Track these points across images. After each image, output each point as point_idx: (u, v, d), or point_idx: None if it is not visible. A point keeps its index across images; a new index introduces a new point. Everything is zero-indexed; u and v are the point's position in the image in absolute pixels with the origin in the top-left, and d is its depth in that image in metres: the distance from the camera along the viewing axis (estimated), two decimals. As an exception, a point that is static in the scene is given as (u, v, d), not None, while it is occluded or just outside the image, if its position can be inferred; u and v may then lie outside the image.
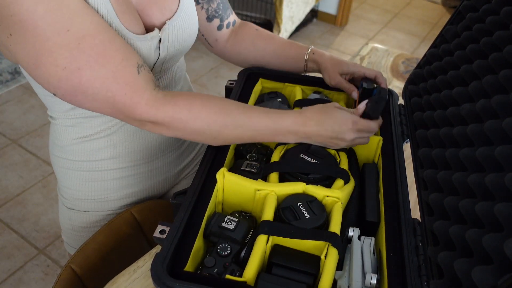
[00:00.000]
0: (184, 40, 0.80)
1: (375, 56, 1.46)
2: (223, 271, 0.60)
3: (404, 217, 0.66)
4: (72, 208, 0.90)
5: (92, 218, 0.90)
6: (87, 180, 0.86)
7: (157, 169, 0.92)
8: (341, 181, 0.72)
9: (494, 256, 0.47)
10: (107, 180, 0.87)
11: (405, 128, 0.87)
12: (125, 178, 0.88)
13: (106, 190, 0.88)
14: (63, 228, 0.97)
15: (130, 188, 0.90)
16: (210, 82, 2.73)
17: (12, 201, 2.00)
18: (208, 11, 0.89)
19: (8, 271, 1.74)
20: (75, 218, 0.91)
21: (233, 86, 0.91)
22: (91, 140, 0.81)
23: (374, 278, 0.59)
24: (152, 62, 0.75)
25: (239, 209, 0.72)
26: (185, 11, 0.78)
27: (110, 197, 0.89)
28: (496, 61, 0.66)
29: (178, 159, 0.96)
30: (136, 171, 0.89)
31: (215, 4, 0.89)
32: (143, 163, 0.89)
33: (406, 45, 3.37)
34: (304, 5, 3.12)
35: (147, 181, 0.92)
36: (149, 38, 0.71)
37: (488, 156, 0.58)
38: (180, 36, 0.78)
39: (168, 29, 0.75)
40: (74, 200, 0.89)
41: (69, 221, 0.92)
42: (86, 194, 0.88)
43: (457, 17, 0.86)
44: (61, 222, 0.97)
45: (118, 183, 0.88)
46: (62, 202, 0.92)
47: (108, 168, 0.85)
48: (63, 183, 0.89)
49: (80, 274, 0.83)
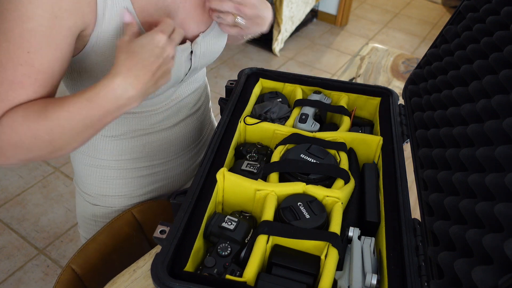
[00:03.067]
0: (214, 52, 0.81)
1: (375, 56, 1.46)
2: (223, 271, 0.60)
3: (404, 217, 0.66)
4: (97, 204, 0.92)
5: (116, 213, 0.92)
6: (113, 177, 0.88)
7: (181, 164, 0.96)
8: (341, 181, 0.72)
9: (494, 256, 0.47)
10: (134, 177, 0.89)
11: (405, 128, 0.86)
12: (152, 175, 0.91)
13: (133, 186, 0.90)
14: (82, 223, 0.98)
15: (157, 183, 0.94)
16: (210, 82, 2.73)
17: (12, 201, 2.00)
18: None
19: (8, 271, 1.74)
20: (100, 213, 0.93)
21: (233, 86, 0.91)
22: (118, 140, 0.83)
23: (374, 278, 0.59)
24: (183, 72, 0.77)
25: (239, 209, 0.72)
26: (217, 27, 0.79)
27: (136, 193, 0.92)
28: (496, 61, 0.66)
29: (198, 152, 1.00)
30: (163, 168, 0.92)
31: None
32: (169, 160, 0.92)
33: (406, 45, 3.37)
34: (304, 5, 3.12)
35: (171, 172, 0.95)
36: (179, 51, 0.72)
37: (488, 156, 0.58)
38: (211, 48, 0.80)
39: (201, 41, 0.76)
40: (99, 196, 0.90)
41: (93, 217, 0.94)
42: (112, 190, 0.90)
43: (457, 17, 0.86)
44: (79, 216, 0.98)
45: (146, 180, 0.91)
46: (83, 197, 0.93)
47: (135, 167, 0.88)
48: (86, 180, 0.90)
49: (81, 275, 0.83)
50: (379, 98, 0.92)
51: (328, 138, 0.80)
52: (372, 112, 0.94)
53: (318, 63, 3.10)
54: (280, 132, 0.81)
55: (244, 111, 0.84)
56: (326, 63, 3.11)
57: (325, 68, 3.05)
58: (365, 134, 0.82)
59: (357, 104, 0.94)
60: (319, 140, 0.79)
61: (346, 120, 0.86)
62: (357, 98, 0.93)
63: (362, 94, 0.93)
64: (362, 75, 1.36)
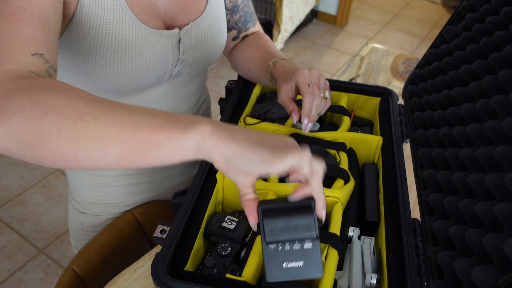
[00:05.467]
0: (209, 45, 0.79)
1: (375, 56, 1.46)
2: (223, 271, 0.60)
3: (404, 217, 0.66)
4: (84, 212, 0.90)
5: (103, 222, 0.91)
6: (100, 185, 0.87)
7: (171, 175, 0.93)
8: (341, 181, 0.72)
9: (494, 256, 0.47)
10: (121, 186, 0.87)
11: (405, 128, 0.87)
12: (140, 184, 0.89)
13: (119, 195, 0.88)
14: (72, 231, 0.97)
15: (145, 194, 0.91)
16: (210, 82, 2.73)
17: (12, 201, 2.00)
18: (229, 21, 0.89)
19: (8, 271, 1.74)
20: (87, 222, 0.91)
21: (233, 86, 0.91)
22: None
23: (374, 278, 0.59)
24: (170, 61, 0.75)
25: (239, 209, 0.72)
26: (211, 18, 0.79)
27: (123, 202, 0.90)
28: (496, 61, 0.66)
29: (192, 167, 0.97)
30: (152, 178, 0.90)
31: (238, 16, 0.89)
32: (160, 169, 0.89)
33: (406, 45, 3.37)
34: (304, 5, 3.12)
35: (162, 186, 0.93)
36: (165, 35, 0.72)
37: (488, 156, 0.58)
38: (205, 40, 0.78)
39: (191, 30, 0.75)
40: (86, 203, 0.89)
41: (80, 225, 0.93)
42: (99, 198, 0.88)
43: (456, 17, 0.86)
44: (70, 225, 0.97)
45: (133, 189, 0.89)
46: (73, 205, 0.92)
47: (124, 174, 0.86)
48: (74, 186, 0.89)
49: (82, 276, 0.83)
50: (379, 98, 0.92)
51: (328, 138, 0.81)
52: (371, 112, 0.94)
53: (318, 63, 3.10)
54: (280, 132, 0.81)
55: (244, 111, 0.84)
56: (326, 63, 3.11)
57: (325, 68, 3.05)
58: (365, 134, 0.82)
59: (357, 104, 0.94)
60: (319, 140, 0.79)
61: (346, 120, 0.86)
62: (357, 98, 0.93)
63: (362, 94, 0.93)
64: (362, 75, 1.36)
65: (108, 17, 0.66)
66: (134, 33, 0.69)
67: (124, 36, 0.68)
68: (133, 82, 0.73)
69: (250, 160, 0.43)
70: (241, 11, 0.89)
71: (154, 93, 0.80)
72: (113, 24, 0.67)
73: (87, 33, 0.66)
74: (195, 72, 0.83)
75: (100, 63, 0.68)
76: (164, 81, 0.79)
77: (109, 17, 0.66)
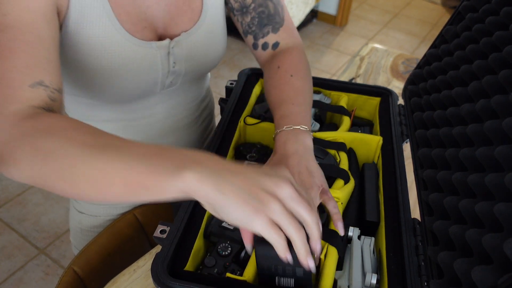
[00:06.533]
0: (202, 57, 0.77)
1: (375, 56, 1.46)
2: (223, 271, 0.60)
3: (404, 217, 0.66)
4: (83, 211, 0.90)
5: (101, 223, 0.91)
6: None
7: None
8: (341, 181, 0.72)
9: (494, 256, 0.47)
10: None
11: (404, 128, 0.87)
12: None
13: None
14: (72, 230, 0.97)
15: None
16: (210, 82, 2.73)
17: (12, 201, 2.00)
18: (242, 24, 0.82)
19: (8, 271, 1.74)
20: (85, 221, 0.91)
21: (233, 86, 0.91)
22: None
23: (374, 278, 0.59)
24: (160, 73, 0.74)
25: (239, 209, 0.72)
26: (206, 29, 0.76)
27: (120, 204, 0.90)
28: (496, 61, 0.66)
29: None
30: None
31: (249, 18, 0.80)
32: None
33: (406, 45, 3.37)
34: (304, 6, 3.12)
35: None
36: (154, 47, 0.70)
37: (488, 156, 0.58)
38: (198, 51, 0.76)
39: (182, 42, 0.73)
40: (85, 203, 0.89)
41: (79, 225, 0.93)
42: None
43: (456, 18, 0.86)
44: (70, 223, 0.97)
45: None
46: (72, 205, 0.92)
47: None
48: None
49: (83, 276, 0.83)
50: (379, 98, 0.92)
51: (328, 138, 0.81)
52: (371, 112, 0.94)
53: (318, 63, 3.10)
54: (280, 132, 0.81)
55: (244, 111, 0.84)
56: (326, 63, 3.11)
57: (325, 68, 3.05)
58: (365, 134, 0.82)
59: (356, 104, 0.94)
60: (319, 140, 0.79)
61: (346, 120, 0.86)
62: (357, 98, 0.93)
63: (361, 94, 0.93)
64: (362, 75, 1.36)
65: (94, 27, 0.65)
66: (119, 44, 0.67)
67: (110, 47, 0.66)
68: (121, 92, 0.72)
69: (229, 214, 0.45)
70: (253, 12, 0.80)
71: (148, 102, 0.80)
72: (98, 35, 0.65)
73: (73, 43, 0.65)
74: (191, 81, 0.82)
75: (86, 73, 0.68)
76: (156, 91, 0.78)
77: (95, 27, 0.65)
